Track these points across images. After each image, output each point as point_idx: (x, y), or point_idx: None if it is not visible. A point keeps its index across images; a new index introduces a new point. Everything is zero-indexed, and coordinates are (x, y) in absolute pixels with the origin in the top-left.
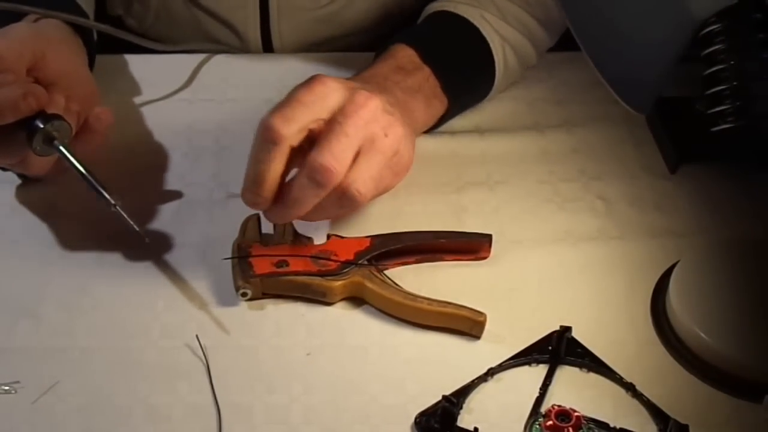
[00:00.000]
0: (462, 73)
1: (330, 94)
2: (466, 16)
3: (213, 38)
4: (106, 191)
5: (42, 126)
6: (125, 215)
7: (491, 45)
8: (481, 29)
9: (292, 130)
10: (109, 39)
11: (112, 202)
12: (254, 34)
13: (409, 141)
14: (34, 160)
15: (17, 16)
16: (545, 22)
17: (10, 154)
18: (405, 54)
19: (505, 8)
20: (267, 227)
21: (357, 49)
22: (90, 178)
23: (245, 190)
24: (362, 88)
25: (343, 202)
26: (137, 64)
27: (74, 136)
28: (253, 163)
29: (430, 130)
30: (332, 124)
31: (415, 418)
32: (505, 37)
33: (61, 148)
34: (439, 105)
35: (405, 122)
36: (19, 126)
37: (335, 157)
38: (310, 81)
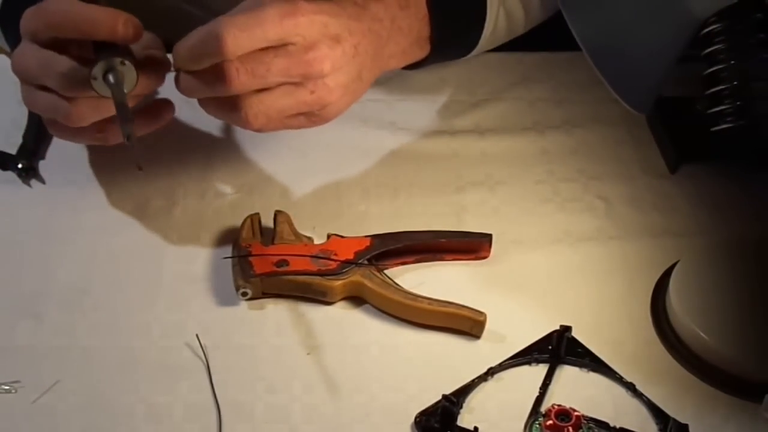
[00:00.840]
0: (454, 27)
1: (297, 34)
2: None
3: None
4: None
5: (111, 57)
6: (133, 147)
7: (488, 4)
8: None
9: (236, 53)
10: None
11: (127, 132)
12: None
13: (343, 101)
14: (80, 105)
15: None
16: None
17: (70, 81)
18: None
19: None
20: (267, 223)
21: None
22: (125, 110)
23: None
24: (338, 35)
25: (234, 115)
26: None
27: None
28: (189, 49)
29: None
30: (277, 50)
31: (415, 418)
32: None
33: (111, 77)
34: (418, 53)
35: (376, 59)
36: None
37: (239, 78)
38: (287, 12)
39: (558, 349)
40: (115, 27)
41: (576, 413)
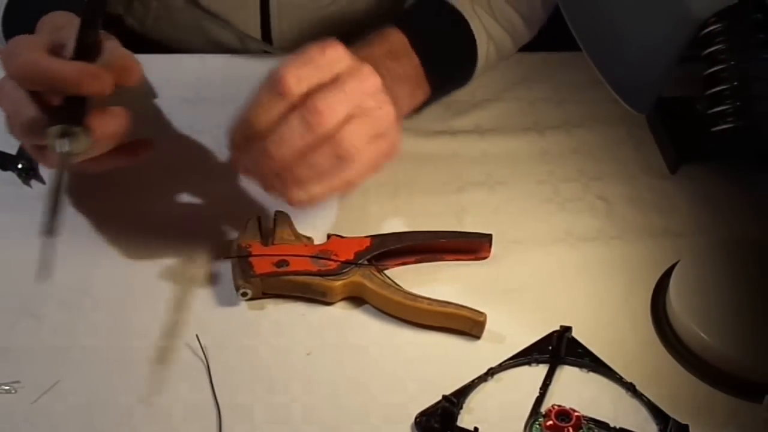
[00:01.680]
0: (446, 66)
1: (340, 60)
2: (458, 7)
3: (213, 38)
4: (55, 219)
5: (64, 122)
6: (47, 250)
7: (477, 41)
8: (471, 24)
9: (301, 89)
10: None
11: (46, 229)
12: (255, 34)
13: (398, 125)
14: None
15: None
16: (528, 18)
17: (28, 132)
18: (397, 38)
19: (495, 5)
20: (267, 223)
21: None
22: (55, 198)
23: (237, 129)
24: (368, 65)
25: (333, 153)
26: None
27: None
28: (253, 106)
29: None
30: (335, 80)
31: (416, 418)
32: (491, 35)
33: (57, 148)
34: (422, 95)
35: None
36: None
37: (329, 104)
38: (325, 44)
39: (558, 349)
40: (81, 84)
41: (576, 413)
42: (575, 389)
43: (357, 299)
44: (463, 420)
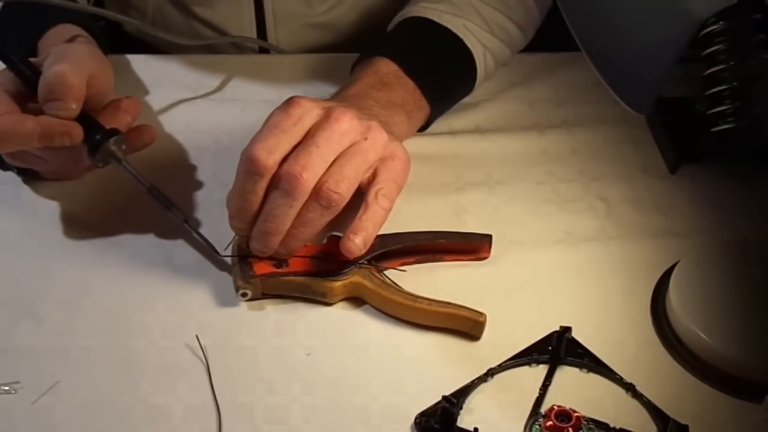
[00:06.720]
0: (445, 82)
1: (306, 115)
2: (449, 26)
3: (209, 47)
4: (173, 206)
5: (105, 142)
6: (195, 231)
7: (474, 55)
8: (465, 40)
9: (274, 159)
10: (109, 38)
11: (182, 217)
12: (251, 43)
13: (396, 143)
14: (75, 167)
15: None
16: (524, 25)
17: (64, 155)
18: (387, 69)
19: (488, 16)
20: None
21: None
22: (156, 193)
23: (232, 219)
24: (338, 105)
25: (321, 204)
26: (137, 64)
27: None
28: (238, 193)
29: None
30: (306, 138)
31: (415, 419)
32: (487, 46)
33: (127, 165)
34: (422, 115)
35: (385, 128)
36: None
37: (300, 164)
38: (287, 105)
39: (558, 349)
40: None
41: (576, 414)
42: (575, 390)
43: (357, 299)
44: (463, 420)
